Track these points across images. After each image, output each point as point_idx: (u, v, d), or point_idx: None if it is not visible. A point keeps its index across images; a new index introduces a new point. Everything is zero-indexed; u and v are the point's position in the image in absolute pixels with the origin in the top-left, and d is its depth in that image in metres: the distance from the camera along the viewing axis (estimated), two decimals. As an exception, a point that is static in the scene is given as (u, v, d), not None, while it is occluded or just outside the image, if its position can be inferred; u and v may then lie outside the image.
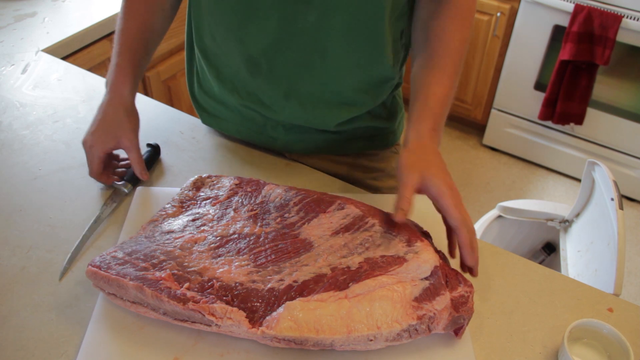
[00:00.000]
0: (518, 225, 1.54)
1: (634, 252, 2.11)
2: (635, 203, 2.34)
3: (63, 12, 1.42)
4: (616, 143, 2.25)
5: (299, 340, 0.62)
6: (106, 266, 0.69)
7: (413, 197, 0.71)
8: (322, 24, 0.79)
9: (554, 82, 2.15)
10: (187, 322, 0.66)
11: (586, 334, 0.69)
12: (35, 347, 0.68)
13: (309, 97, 0.88)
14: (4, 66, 1.18)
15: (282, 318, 0.62)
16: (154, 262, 0.69)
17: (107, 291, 0.69)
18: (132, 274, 0.67)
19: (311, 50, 0.82)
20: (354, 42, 0.82)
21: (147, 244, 0.72)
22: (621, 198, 1.15)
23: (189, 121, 1.03)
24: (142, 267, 0.68)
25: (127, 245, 0.73)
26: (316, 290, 0.64)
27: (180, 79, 1.69)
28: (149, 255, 0.70)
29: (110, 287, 0.68)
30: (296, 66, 0.84)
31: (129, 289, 0.66)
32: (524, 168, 2.50)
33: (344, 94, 0.88)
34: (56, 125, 1.01)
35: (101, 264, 0.69)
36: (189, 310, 0.63)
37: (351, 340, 0.62)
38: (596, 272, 1.19)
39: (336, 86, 0.87)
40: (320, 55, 0.82)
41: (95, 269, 0.69)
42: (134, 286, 0.66)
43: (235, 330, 0.63)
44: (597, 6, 1.99)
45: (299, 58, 0.83)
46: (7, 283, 0.75)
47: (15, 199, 0.87)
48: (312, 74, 0.85)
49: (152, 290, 0.65)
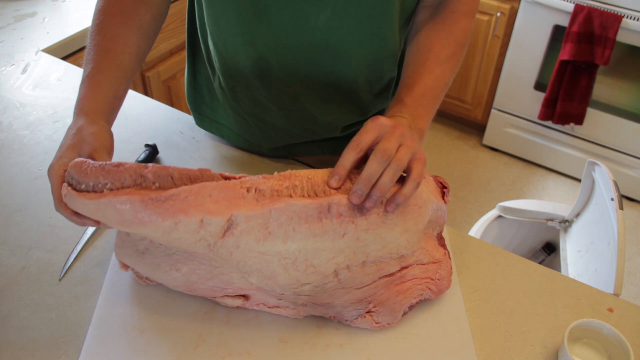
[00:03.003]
0: (518, 225, 1.54)
1: (634, 252, 2.11)
2: (635, 203, 2.34)
3: (63, 12, 1.42)
4: (616, 143, 2.25)
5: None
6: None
7: (351, 160, 0.64)
8: (334, 23, 0.78)
9: (554, 82, 2.15)
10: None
11: (586, 334, 0.69)
12: (35, 347, 0.67)
13: (319, 99, 0.87)
14: (4, 66, 1.18)
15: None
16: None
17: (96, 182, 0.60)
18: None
19: (322, 50, 0.81)
20: (365, 41, 0.81)
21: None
22: (621, 198, 1.15)
23: (189, 121, 1.03)
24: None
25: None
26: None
27: (180, 79, 1.69)
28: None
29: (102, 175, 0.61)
30: (307, 66, 0.82)
31: (127, 167, 0.60)
32: (524, 168, 2.50)
33: (353, 96, 0.88)
34: (56, 125, 1.01)
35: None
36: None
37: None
38: (596, 272, 1.19)
39: (346, 87, 0.86)
40: (331, 55, 0.81)
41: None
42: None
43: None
44: (597, 6, 1.99)
45: (310, 58, 0.82)
46: (7, 283, 0.75)
47: (15, 199, 0.87)
48: (322, 74, 0.84)
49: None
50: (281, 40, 0.80)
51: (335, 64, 0.82)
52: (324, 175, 0.64)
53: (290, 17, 0.77)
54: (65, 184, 0.62)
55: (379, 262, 0.67)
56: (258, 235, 0.61)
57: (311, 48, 0.80)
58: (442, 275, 0.72)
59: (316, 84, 0.85)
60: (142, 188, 0.60)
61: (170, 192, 0.59)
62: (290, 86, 0.85)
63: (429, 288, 0.72)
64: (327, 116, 0.89)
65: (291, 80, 0.84)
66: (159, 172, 0.61)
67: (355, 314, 0.69)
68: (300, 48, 0.80)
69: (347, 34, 0.79)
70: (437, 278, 0.72)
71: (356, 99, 0.89)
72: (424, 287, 0.71)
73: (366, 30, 0.79)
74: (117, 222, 0.60)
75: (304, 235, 0.62)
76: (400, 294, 0.70)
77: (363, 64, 0.84)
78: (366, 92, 0.88)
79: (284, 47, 0.81)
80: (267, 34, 0.79)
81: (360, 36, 0.80)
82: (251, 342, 0.68)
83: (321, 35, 0.79)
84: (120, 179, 0.60)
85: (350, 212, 0.62)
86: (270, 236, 0.61)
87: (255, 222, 0.60)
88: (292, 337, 0.69)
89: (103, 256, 0.78)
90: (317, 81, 0.85)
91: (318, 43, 0.80)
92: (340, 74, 0.84)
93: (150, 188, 0.60)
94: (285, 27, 0.78)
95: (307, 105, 0.87)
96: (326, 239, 0.62)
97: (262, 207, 0.60)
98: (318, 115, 0.89)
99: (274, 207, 0.60)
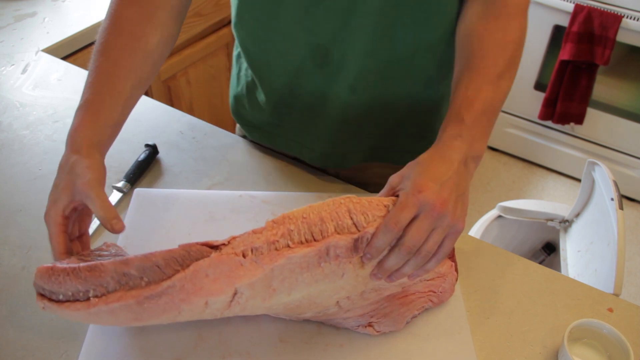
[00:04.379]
0: (518, 225, 1.54)
1: (634, 252, 2.11)
2: (635, 203, 2.34)
3: (63, 12, 1.42)
4: (616, 143, 2.25)
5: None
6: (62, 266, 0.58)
7: (388, 243, 0.59)
8: (390, 2, 0.74)
9: (554, 82, 2.15)
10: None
11: (586, 334, 0.69)
12: (35, 347, 0.67)
13: (376, 87, 0.83)
14: (4, 66, 1.18)
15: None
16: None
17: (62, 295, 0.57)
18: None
19: (380, 35, 0.77)
20: (423, 20, 0.77)
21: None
22: (621, 198, 1.15)
23: (189, 121, 1.03)
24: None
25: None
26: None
27: (180, 79, 1.69)
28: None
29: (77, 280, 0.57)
30: (363, 54, 0.79)
31: (105, 269, 0.56)
32: (524, 168, 2.50)
33: (410, 82, 0.84)
34: (56, 125, 1.01)
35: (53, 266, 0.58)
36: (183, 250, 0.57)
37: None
38: (596, 272, 1.19)
39: (404, 71, 0.82)
40: (389, 39, 0.77)
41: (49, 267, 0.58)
42: (113, 263, 0.56)
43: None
44: (597, 6, 1.99)
45: (367, 45, 0.78)
46: (7, 283, 0.75)
47: (15, 199, 0.87)
48: (380, 61, 0.80)
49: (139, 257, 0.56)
50: (339, 25, 0.77)
51: (393, 48, 0.79)
52: (320, 210, 0.60)
53: (347, 1, 0.74)
54: (38, 296, 0.58)
55: (379, 289, 0.66)
56: (264, 296, 0.58)
57: (368, 32, 0.77)
58: (445, 288, 0.71)
59: (373, 72, 0.81)
60: (130, 288, 0.56)
61: (164, 286, 0.55)
62: (348, 75, 0.82)
63: (430, 300, 0.71)
64: (382, 106, 0.86)
65: (349, 67, 0.81)
66: (142, 264, 0.56)
67: (356, 324, 0.69)
68: (357, 33, 0.77)
69: (406, 14, 0.76)
70: (439, 291, 0.71)
71: (413, 87, 0.85)
72: (426, 299, 0.71)
73: (425, 9, 0.76)
74: (115, 323, 0.57)
75: (307, 284, 0.60)
76: (403, 306, 0.69)
77: (423, 47, 0.80)
78: (424, 81, 0.85)
79: (342, 33, 0.77)
80: (325, 20, 0.77)
81: (419, 16, 0.76)
82: (251, 342, 0.68)
83: (379, 17, 0.75)
84: (102, 284, 0.56)
85: (347, 253, 0.59)
86: (275, 293, 0.59)
87: (259, 285, 0.57)
88: (292, 337, 0.69)
89: (103, 256, 0.78)
90: (374, 69, 0.81)
91: (375, 26, 0.76)
92: (398, 58, 0.80)
93: (140, 285, 0.56)
94: (342, 10, 0.75)
95: (363, 95, 0.84)
96: (327, 282, 0.61)
97: (263, 269, 0.56)
98: (374, 105, 0.85)
99: (275, 265, 0.57)
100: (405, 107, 0.88)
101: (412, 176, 0.62)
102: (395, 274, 0.62)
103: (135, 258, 0.56)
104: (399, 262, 0.60)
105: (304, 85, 0.86)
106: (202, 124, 1.03)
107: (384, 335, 0.70)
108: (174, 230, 0.81)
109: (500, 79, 0.70)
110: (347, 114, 0.87)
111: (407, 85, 0.86)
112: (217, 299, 0.56)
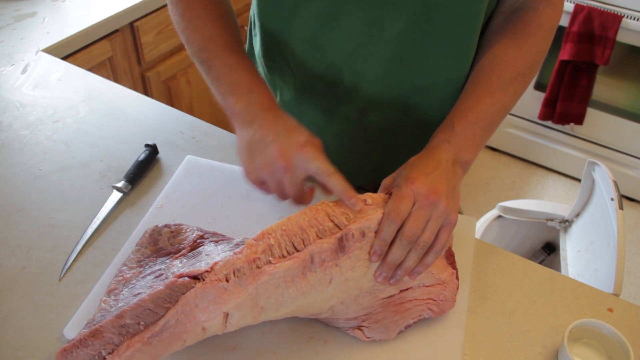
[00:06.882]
0: (518, 225, 1.54)
1: (634, 252, 2.11)
2: (635, 203, 2.34)
3: (63, 12, 1.42)
4: (616, 143, 2.25)
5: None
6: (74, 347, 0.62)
7: (392, 234, 0.62)
8: (410, 30, 0.73)
9: (554, 82, 2.15)
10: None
11: (586, 334, 0.69)
12: (35, 347, 0.67)
13: (387, 112, 0.82)
14: (4, 66, 1.18)
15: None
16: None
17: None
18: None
19: (395, 63, 0.76)
20: (443, 52, 0.75)
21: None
22: (621, 198, 1.15)
23: (189, 121, 1.03)
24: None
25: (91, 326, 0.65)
26: None
27: (180, 79, 1.69)
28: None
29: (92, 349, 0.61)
30: (376, 79, 0.78)
31: (104, 329, 0.61)
32: (524, 168, 2.50)
33: (423, 109, 0.82)
34: (56, 125, 1.01)
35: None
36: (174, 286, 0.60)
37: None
38: (596, 272, 1.19)
39: (419, 99, 0.81)
40: (406, 68, 0.76)
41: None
42: (113, 319, 0.60)
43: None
44: (597, 6, 1.99)
45: (382, 67, 0.77)
46: (7, 283, 0.75)
47: (15, 199, 0.87)
48: (393, 88, 0.79)
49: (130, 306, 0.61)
50: (354, 47, 0.76)
51: (408, 74, 0.77)
52: (298, 219, 0.61)
53: (364, 23, 0.73)
54: None
55: (374, 291, 0.66)
56: (254, 314, 0.61)
57: (384, 57, 0.76)
58: (445, 297, 0.70)
59: (387, 97, 0.80)
60: (133, 335, 0.60)
61: (160, 325, 0.59)
62: (359, 97, 0.81)
63: (429, 309, 0.69)
64: (394, 130, 0.84)
65: (362, 90, 0.80)
66: (134, 312, 0.60)
67: (346, 326, 0.69)
68: (372, 56, 0.76)
69: (424, 43, 0.74)
70: (440, 299, 0.69)
71: (428, 114, 0.82)
72: (424, 307, 0.69)
73: (446, 39, 0.73)
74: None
75: (294, 298, 0.61)
76: (397, 314, 0.68)
77: (440, 76, 0.77)
78: (439, 108, 0.81)
79: (357, 54, 0.76)
80: (339, 40, 0.76)
81: (439, 45, 0.74)
82: (237, 332, 0.67)
83: (396, 43, 0.74)
84: (108, 342, 0.60)
85: (332, 256, 0.60)
86: (264, 310, 0.61)
87: (246, 305, 0.59)
88: (279, 322, 0.69)
89: (103, 256, 0.78)
90: (388, 94, 0.80)
91: (392, 51, 0.75)
92: (413, 85, 0.79)
93: (140, 330, 0.60)
94: (358, 33, 0.74)
95: (375, 119, 0.83)
96: (315, 293, 0.61)
97: (247, 289, 0.58)
98: (384, 130, 0.84)
99: (258, 283, 0.58)
100: (416, 129, 0.86)
101: (403, 173, 0.65)
102: (398, 271, 0.63)
103: (127, 309, 0.60)
104: (402, 253, 0.62)
105: (312, 100, 0.86)
106: (202, 123, 1.02)
107: (373, 342, 0.68)
108: (209, 200, 0.85)
109: (502, 91, 0.71)
110: (354, 134, 0.86)
111: (421, 111, 0.84)
112: (211, 324, 0.59)
